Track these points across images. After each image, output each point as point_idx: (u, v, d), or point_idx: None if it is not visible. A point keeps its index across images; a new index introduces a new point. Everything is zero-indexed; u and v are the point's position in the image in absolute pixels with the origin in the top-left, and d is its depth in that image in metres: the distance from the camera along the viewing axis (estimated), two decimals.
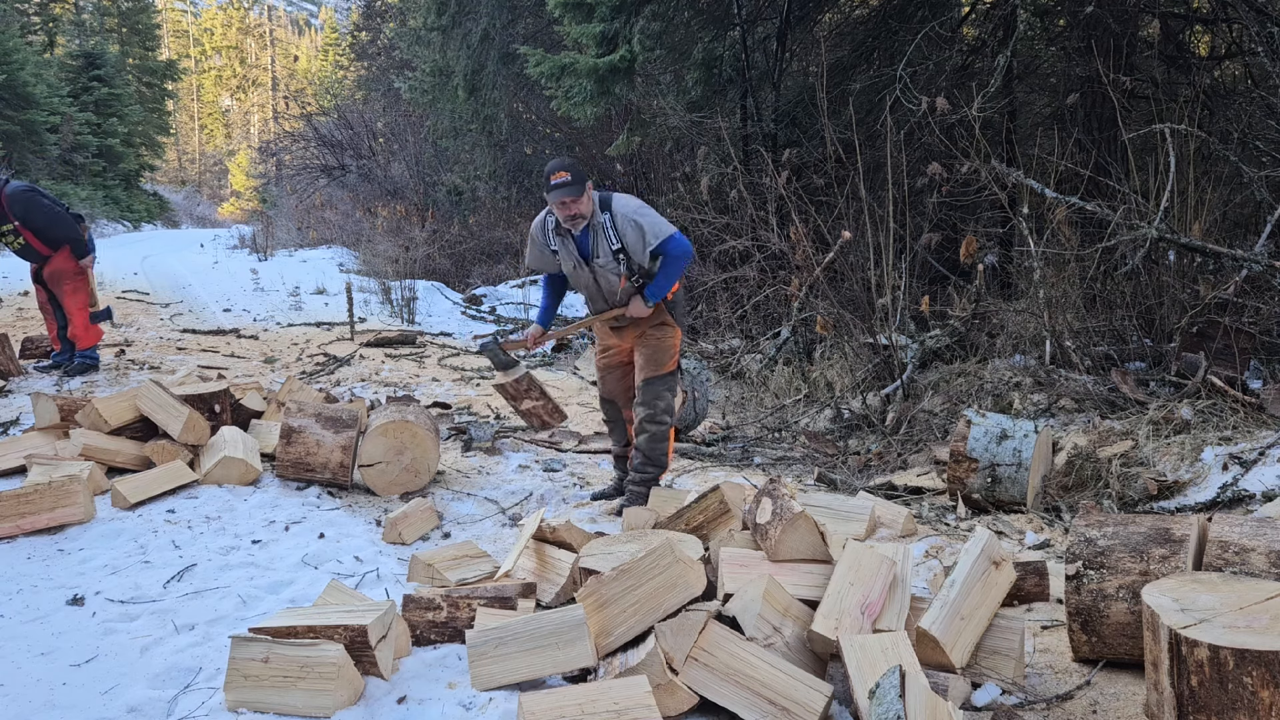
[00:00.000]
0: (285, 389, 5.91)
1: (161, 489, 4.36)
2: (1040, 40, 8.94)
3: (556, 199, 4.11)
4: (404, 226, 16.98)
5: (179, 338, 9.46)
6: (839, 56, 8.66)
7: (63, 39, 33.10)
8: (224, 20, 69.36)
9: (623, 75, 8.27)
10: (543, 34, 12.11)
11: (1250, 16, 6.30)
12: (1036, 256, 5.75)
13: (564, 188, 4.07)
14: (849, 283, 6.88)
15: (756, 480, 4.79)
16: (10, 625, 3.10)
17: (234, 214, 42.77)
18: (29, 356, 7.43)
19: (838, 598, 2.63)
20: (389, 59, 21.32)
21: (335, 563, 3.75)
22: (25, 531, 3.84)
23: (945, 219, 7.21)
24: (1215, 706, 2.13)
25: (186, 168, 58.10)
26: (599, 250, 4.26)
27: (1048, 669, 2.78)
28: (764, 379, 7.23)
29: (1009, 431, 4.26)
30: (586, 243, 4.27)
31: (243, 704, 2.55)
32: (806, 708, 2.37)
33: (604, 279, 4.32)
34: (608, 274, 4.31)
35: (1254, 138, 6.24)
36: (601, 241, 4.24)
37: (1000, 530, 4.01)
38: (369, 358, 8.75)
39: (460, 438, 5.78)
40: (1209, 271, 5.40)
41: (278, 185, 27.53)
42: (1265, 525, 2.67)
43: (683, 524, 3.46)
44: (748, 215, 7.70)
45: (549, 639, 2.61)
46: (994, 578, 2.76)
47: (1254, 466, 4.00)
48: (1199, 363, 4.81)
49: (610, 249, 4.25)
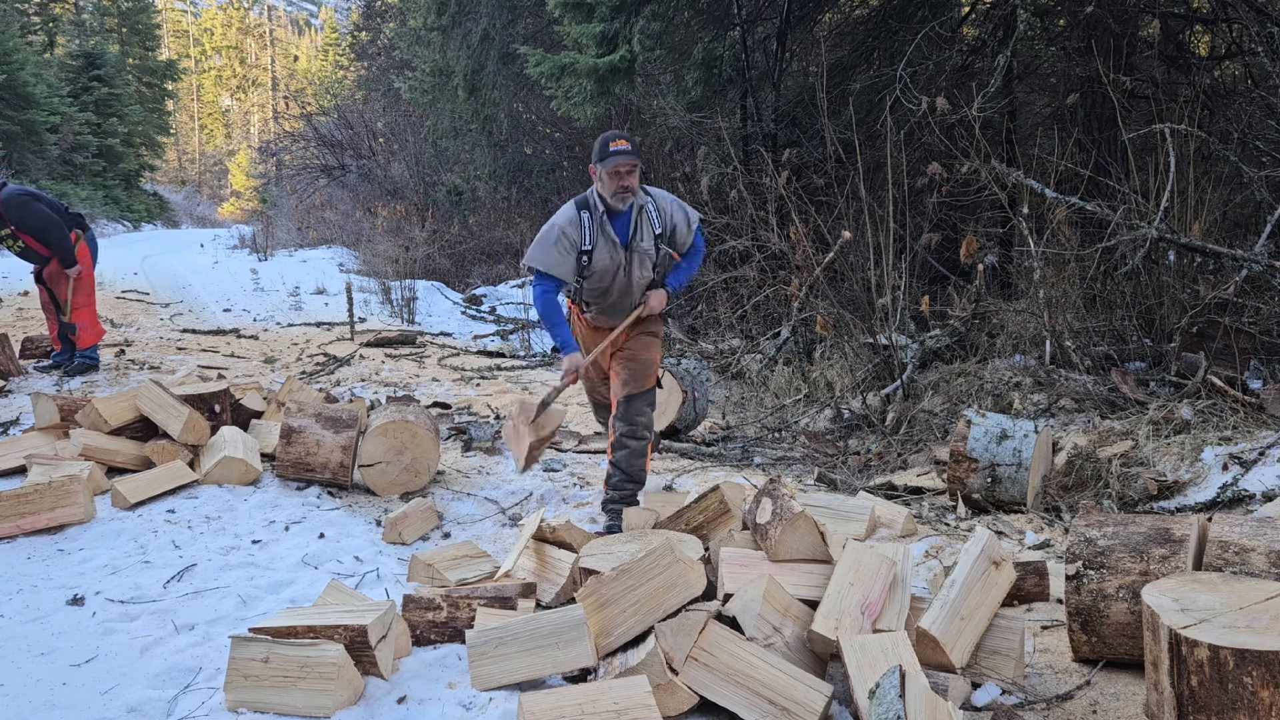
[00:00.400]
0: (285, 389, 5.91)
1: (161, 489, 4.36)
2: (1040, 40, 8.94)
3: (613, 165, 3.91)
4: (404, 226, 16.99)
5: (179, 338, 9.46)
6: (839, 56, 8.66)
7: (63, 39, 33.11)
8: (224, 20, 69.36)
9: (623, 75, 8.27)
10: (543, 34, 12.11)
11: (1250, 16, 6.30)
12: (1036, 256, 5.75)
13: (624, 154, 3.90)
14: (849, 283, 6.88)
15: (756, 480, 4.79)
16: (10, 625, 3.10)
17: (234, 214, 42.77)
18: (29, 356, 7.43)
19: (838, 598, 2.63)
20: (389, 59, 21.33)
21: (335, 563, 3.75)
22: (25, 531, 3.84)
23: (945, 219, 7.21)
24: (1215, 706, 2.13)
25: (186, 168, 58.11)
26: (642, 233, 4.11)
27: (1048, 669, 2.78)
28: (764, 379, 7.22)
29: (1009, 431, 4.26)
30: (627, 226, 4.09)
31: (243, 704, 2.55)
32: (806, 708, 2.37)
33: (638, 270, 4.14)
34: (644, 262, 4.15)
35: (1254, 138, 6.24)
36: (644, 225, 4.11)
37: (1000, 530, 4.01)
38: (369, 358, 8.75)
39: (460, 438, 5.78)
40: (1209, 271, 5.40)
41: (278, 185, 27.54)
42: (1265, 525, 2.67)
43: (683, 524, 3.46)
44: (748, 215, 7.69)
45: (549, 639, 2.61)
46: (994, 578, 2.76)
47: (1254, 466, 4.00)
48: (1199, 363, 4.80)
49: (654, 233, 4.14)
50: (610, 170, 3.93)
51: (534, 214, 14.71)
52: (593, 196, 4.08)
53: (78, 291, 6.86)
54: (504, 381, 7.86)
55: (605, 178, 3.96)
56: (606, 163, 3.93)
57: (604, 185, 3.99)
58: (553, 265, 4.06)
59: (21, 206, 6.58)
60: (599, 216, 4.05)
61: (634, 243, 4.09)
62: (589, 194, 4.11)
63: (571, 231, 4.04)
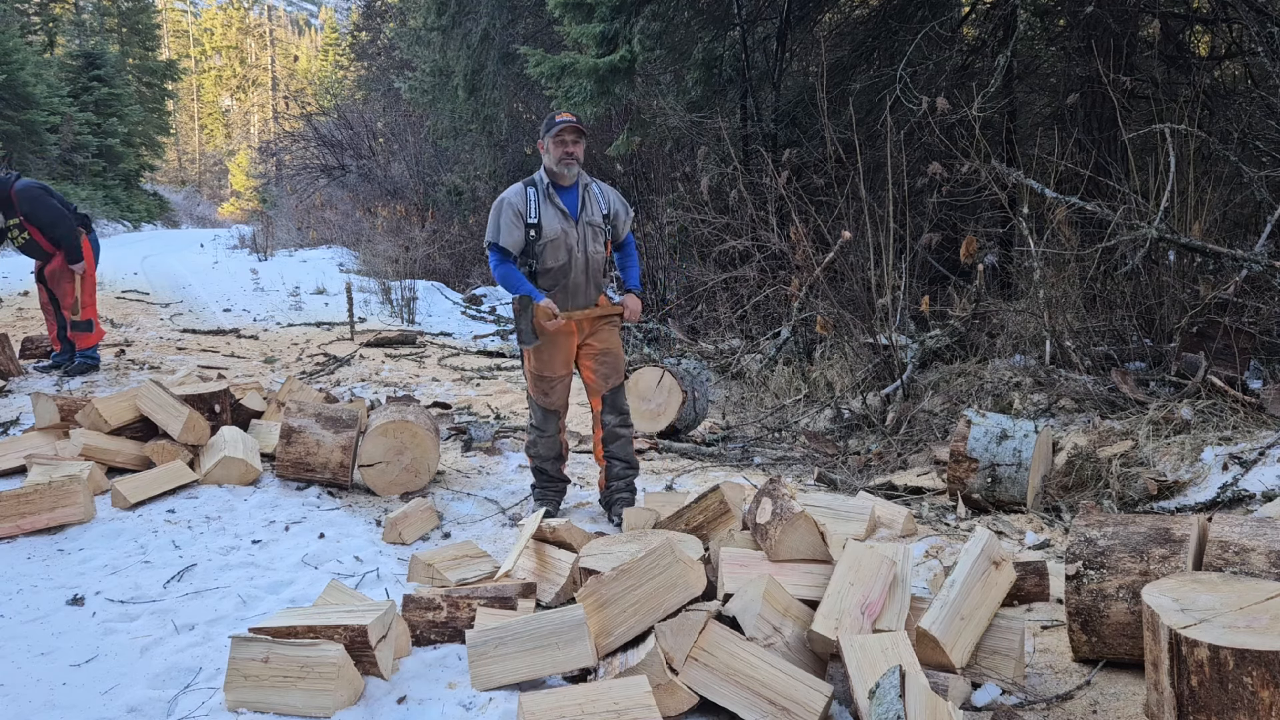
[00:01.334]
0: (285, 389, 5.90)
1: (161, 489, 4.36)
2: (1040, 40, 8.94)
3: (558, 132, 4.12)
4: (404, 226, 16.98)
5: (179, 338, 9.46)
6: (839, 56, 8.66)
7: (63, 39, 33.11)
8: (224, 20, 69.38)
9: (623, 75, 8.26)
10: (543, 34, 12.11)
11: (1250, 16, 6.30)
12: (1036, 256, 5.75)
13: (570, 125, 4.14)
14: (849, 283, 6.87)
15: (756, 480, 4.79)
16: (10, 625, 3.10)
17: (234, 214, 42.77)
18: (29, 356, 7.44)
19: (838, 598, 2.63)
20: (389, 59, 21.33)
21: (335, 563, 3.75)
22: (25, 531, 3.84)
23: (945, 219, 7.21)
24: (1215, 706, 2.13)
25: (186, 168, 58.11)
26: (590, 210, 4.28)
27: (1048, 669, 2.78)
28: (764, 379, 7.22)
29: (1009, 431, 4.26)
30: (575, 200, 4.25)
31: (243, 704, 2.55)
32: (806, 708, 2.37)
33: (591, 245, 4.27)
34: (597, 236, 4.29)
35: (1254, 138, 6.24)
36: (590, 202, 4.29)
37: (1000, 530, 4.01)
38: (369, 358, 8.75)
39: (460, 438, 5.78)
40: (1209, 271, 5.40)
41: (278, 185, 27.54)
42: (1265, 525, 2.67)
43: (683, 524, 3.46)
44: (748, 215, 7.69)
45: (549, 639, 2.61)
46: (994, 578, 2.76)
47: (1254, 466, 4.00)
48: (1199, 363, 4.80)
49: (600, 211, 4.31)
50: (555, 137, 4.14)
51: None
52: (539, 174, 4.27)
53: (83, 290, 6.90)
54: (504, 381, 7.86)
55: (551, 146, 4.17)
56: (553, 131, 4.14)
57: (550, 156, 4.19)
58: (500, 234, 4.20)
59: (34, 199, 6.67)
60: (544, 188, 4.23)
61: (583, 216, 4.26)
62: (536, 174, 4.30)
63: (517, 202, 4.21)
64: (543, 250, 4.20)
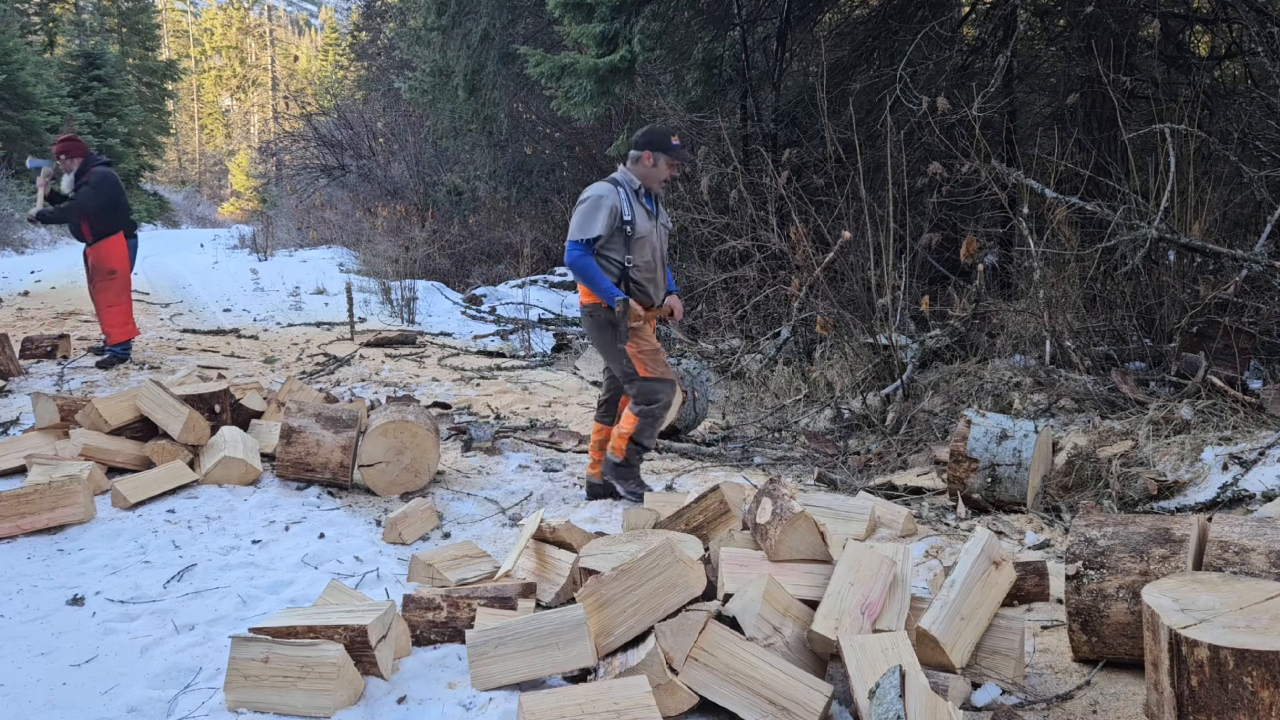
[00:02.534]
0: (285, 389, 5.90)
1: (161, 489, 4.36)
2: (1040, 40, 8.94)
3: (673, 159, 4.46)
4: (404, 226, 16.96)
5: (179, 338, 9.46)
6: (839, 56, 8.66)
7: (63, 39, 33.08)
8: (224, 20, 69.38)
9: (623, 75, 8.27)
10: (543, 34, 12.12)
11: (1250, 16, 6.30)
12: (1036, 256, 5.75)
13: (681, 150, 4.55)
14: (849, 283, 6.88)
15: (756, 480, 4.79)
16: (10, 625, 3.10)
17: (234, 214, 42.77)
18: (29, 356, 7.46)
19: (838, 598, 2.63)
20: (389, 59, 21.34)
21: (335, 563, 3.75)
22: (25, 531, 3.84)
23: (945, 219, 7.21)
24: (1215, 706, 2.13)
25: (186, 168, 58.11)
26: (662, 212, 4.64)
27: (1048, 669, 2.78)
28: (764, 379, 7.22)
29: (1009, 431, 4.26)
30: (653, 204, 4.59)
31: (243, 704, 2.55)
32: (806, 708, 2.37)
33: (663, 243, 4.61)
34: (664, 237, 4.63)
35: (1254, 138, 6.24)
36: (661, 207, 4.66)
37: (1000, 530, 4.01)
38: (369, 358, 8.74)
39: (460, 438, 5.78)
40: (1209, 271, 5.40)
41: (278, 185, 27.53)
42: (1265, 525, 2.67)
43: (683, 524, 3.46)
44: (748, 215, 7.69)
45: (549, 639, 2.61)
46: (994, 578, 2.76)
47: (1254, 466, 4.00)
48: (1199, 363, 4.80)
49: (667, 214, 4.74)
50: (670, 161, 4.46)
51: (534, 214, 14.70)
52: (622, 176, 4.49)
53: (108, 290, 7.39)
54: (504, 381, 7.86)
55: (664, 165, 4.45)
56: (671, 153, 4.45)
57: (656, 171, 4.46)
58: (596, 227, 4.36)
59: (102, 177, 7.29)
60: (631, 191, 4.48)
61: (659, 218, 4.61)
62: (616, 176, 4.51)
63: (619, 203, 4.42)
64: (636, 246, 4.46)
